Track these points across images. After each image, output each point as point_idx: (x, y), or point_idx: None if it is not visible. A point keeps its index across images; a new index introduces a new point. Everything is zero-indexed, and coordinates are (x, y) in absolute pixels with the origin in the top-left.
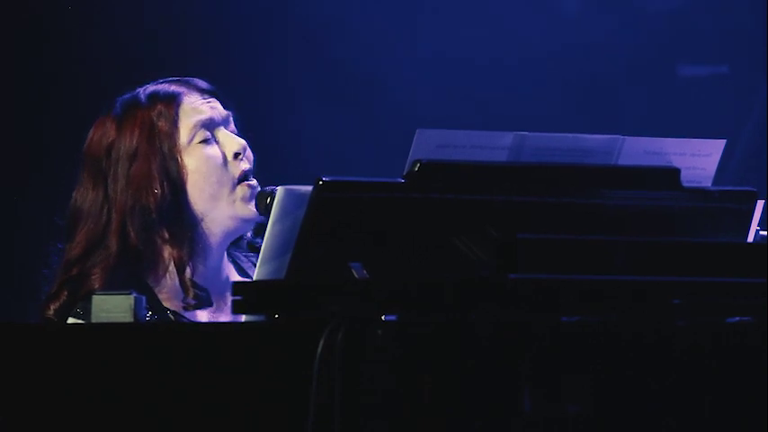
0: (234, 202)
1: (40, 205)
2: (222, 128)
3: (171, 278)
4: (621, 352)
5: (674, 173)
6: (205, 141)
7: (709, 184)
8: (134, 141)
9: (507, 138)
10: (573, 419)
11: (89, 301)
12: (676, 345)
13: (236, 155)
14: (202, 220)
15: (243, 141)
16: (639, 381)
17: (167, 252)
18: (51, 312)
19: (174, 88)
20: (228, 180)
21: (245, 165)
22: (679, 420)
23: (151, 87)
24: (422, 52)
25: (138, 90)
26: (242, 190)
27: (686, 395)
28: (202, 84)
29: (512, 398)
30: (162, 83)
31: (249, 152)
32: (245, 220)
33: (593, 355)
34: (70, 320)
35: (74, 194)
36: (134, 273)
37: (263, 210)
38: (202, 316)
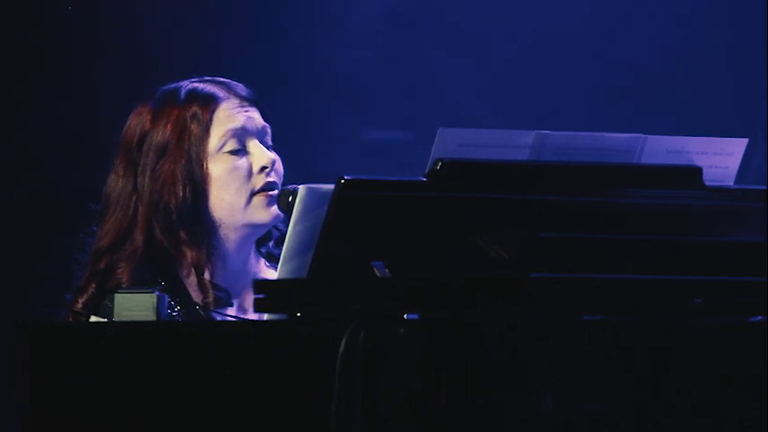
0: (248, 211)
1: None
2: (255, 139)
3: (194, 276)
4: (642, 351)
5: (696, 172)
6: (234, 152)
7: (732, 183)
8: (165, 137)
9: (529, 137)
10: (592, 419)
11: (112, 298)
12: (698, 344)
13: (263, 168)
14: (220, 226)
15: (272, 156)
16: (661, 380)
17: (188, 253)
18: (80, 305)
19: (214, 90)
20: (247, 191)
21: (271, 178)
22: (695, 419)
23: (192, 84)
24: (443, 51)
25: (180, 84)
26: (258, 199)
27: (707, 394)
28: (243, 91)
29: (532, 397)
30: (205, 81)
31: (279, 166)
32: (259, 226)
33: (615, 354)
34: (93, 319)
35: (107, 180)
36: (162, 267)
37: (285, 208)
38: (232, 310)
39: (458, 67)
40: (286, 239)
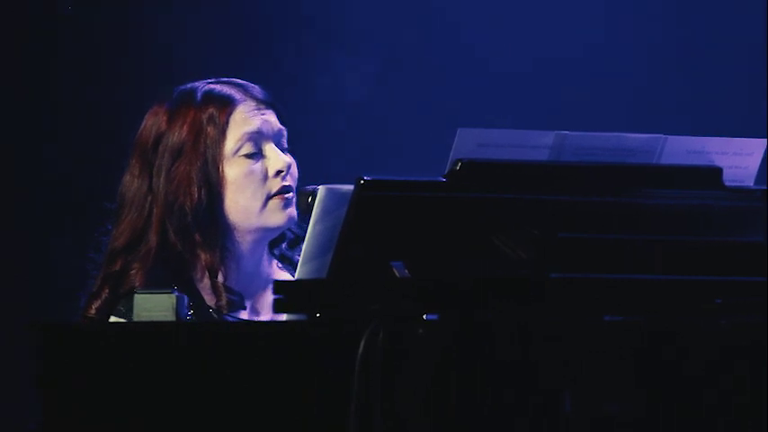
0: (263, 214)
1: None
2: (271, 142)
3: (208, 278)
4: (661, 352)
5: (716, 172)
6: (249, 155)
7: (752, 183)
8: (181, 138)
9: (548, 137)
10: (613, 420)
11: (131, 299)
12: (717, 344)
13: (278, 172)
14: (234, 229)
15: (288, 159)
16: (681, 381)
17: (202, 255)
18: (93, 311)
19: (230, 92)
20: (263, 195)
21: (286, 182)
22: (711, 420)
23: (209, 85)
24: (461, 51)
25: (196, 84)
26: (274, 202)
27: (724, 395)
28: (260, 93)
29: (553, 398)
30: (222, 82)
31: (294, 170)
32: (274, 229)
33: (633, 355)
34: (112, 319)
35: (122, 179)
36: (176, 270)
37: (305, 209)
38: (245, 314)
39: (464, 69)
40: (305, 240)
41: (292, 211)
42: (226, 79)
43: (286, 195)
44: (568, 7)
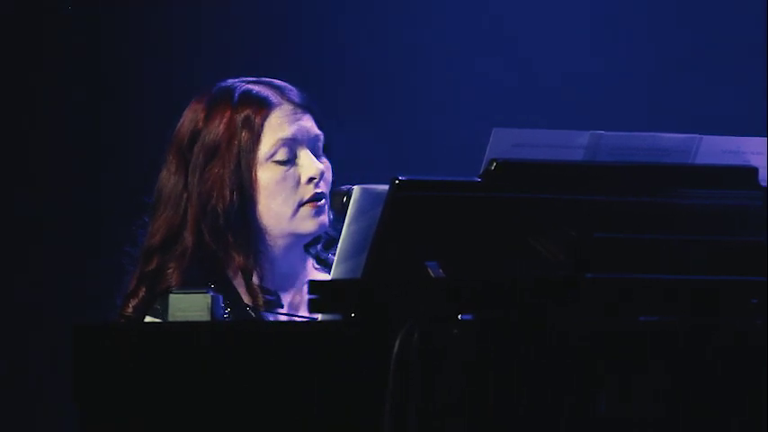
0: (294, 220)
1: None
2: (306, 148)
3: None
4: (698, 352)
5: (752, 172)
6: (283, 162)
7: None
8: (216, 138)
9: (583, 137)
10: (648, 421)
11: (166, 299)
12: (753, 345)
13: (311, 179)
14: (267, 233)
15: (321, 167)
16: (716, 381)
17: (235, 257)
18: (130, 309)
19: (267, 95)
20: (294, 202)
21: (319, 189)
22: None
23: (247, 86)
24: (492, 51)
25: (235, 83)
26: (305, 209)
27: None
28: (297, 96)
29: (588, 398)
30: (260, 83)
31: (329, 175)
32: (305, 235)
33: (671, 355)
34: (147, 319)
35: (159, 175)
36: (211, 269)
37: (339, 209)
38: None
39: (473, 69)
40: (340, 240)
41: (324, 218)
42: (265, 79)
43: (318, 203)
44: (571, 11)
